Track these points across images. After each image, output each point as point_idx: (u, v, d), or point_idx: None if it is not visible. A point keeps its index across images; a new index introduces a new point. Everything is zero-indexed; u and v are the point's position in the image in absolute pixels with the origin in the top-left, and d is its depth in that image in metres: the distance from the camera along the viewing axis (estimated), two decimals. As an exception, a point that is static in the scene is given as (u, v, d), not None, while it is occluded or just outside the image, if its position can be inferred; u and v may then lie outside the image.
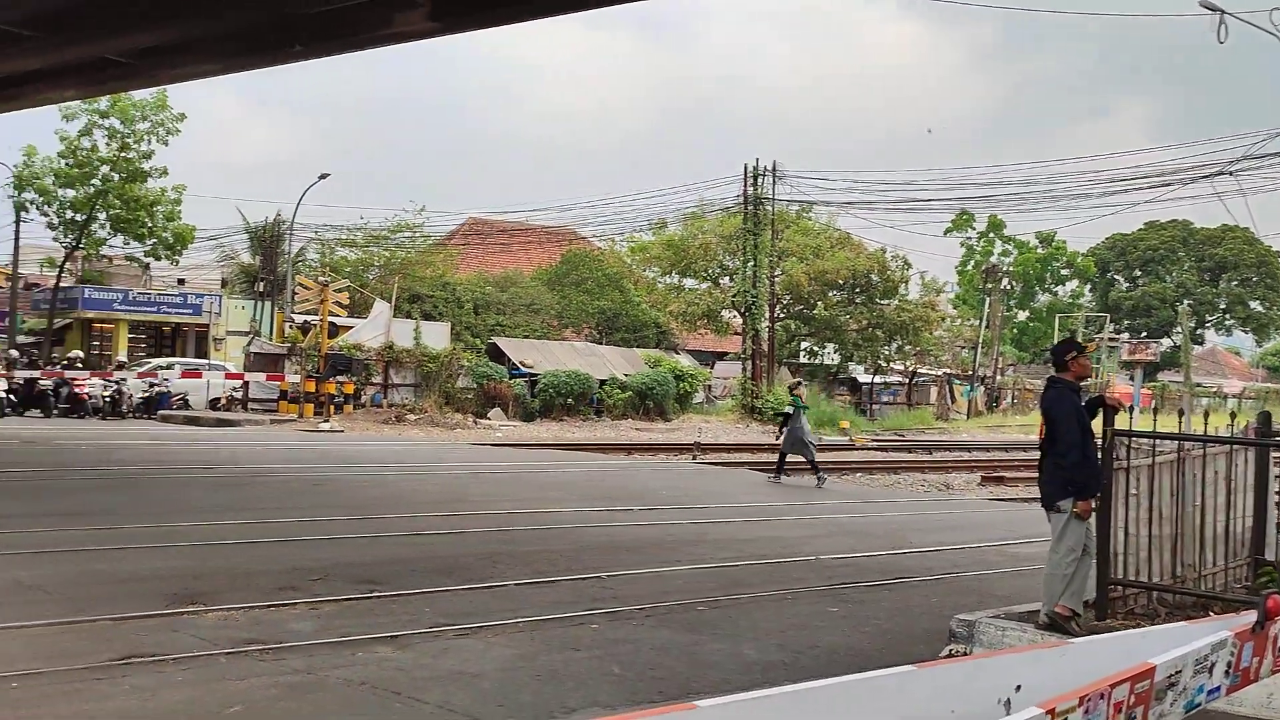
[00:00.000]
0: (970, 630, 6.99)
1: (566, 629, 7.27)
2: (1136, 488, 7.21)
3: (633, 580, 8.98)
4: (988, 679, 2.00)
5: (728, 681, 6.14)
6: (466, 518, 12.13)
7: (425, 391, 32.05)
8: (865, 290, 43.85)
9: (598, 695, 5.81)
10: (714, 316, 42.54)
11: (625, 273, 46.19)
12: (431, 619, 7.24)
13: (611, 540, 11.17)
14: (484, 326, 39.03)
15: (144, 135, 34.13)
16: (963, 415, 48.82)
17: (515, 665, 6.29)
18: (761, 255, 38.42)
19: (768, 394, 37.22)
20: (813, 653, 6.95)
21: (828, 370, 49.57)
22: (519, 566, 9.30)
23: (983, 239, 64.98)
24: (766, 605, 8.32)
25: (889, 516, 14.60)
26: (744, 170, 38.30)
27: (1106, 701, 1.84)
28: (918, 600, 8.85)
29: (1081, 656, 2.12)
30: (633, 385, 35.18)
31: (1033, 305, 68.08)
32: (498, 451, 22.55)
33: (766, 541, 11.50)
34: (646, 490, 16.03)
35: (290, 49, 14.77)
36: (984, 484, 21.41)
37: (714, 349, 49.12)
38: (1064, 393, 6.97)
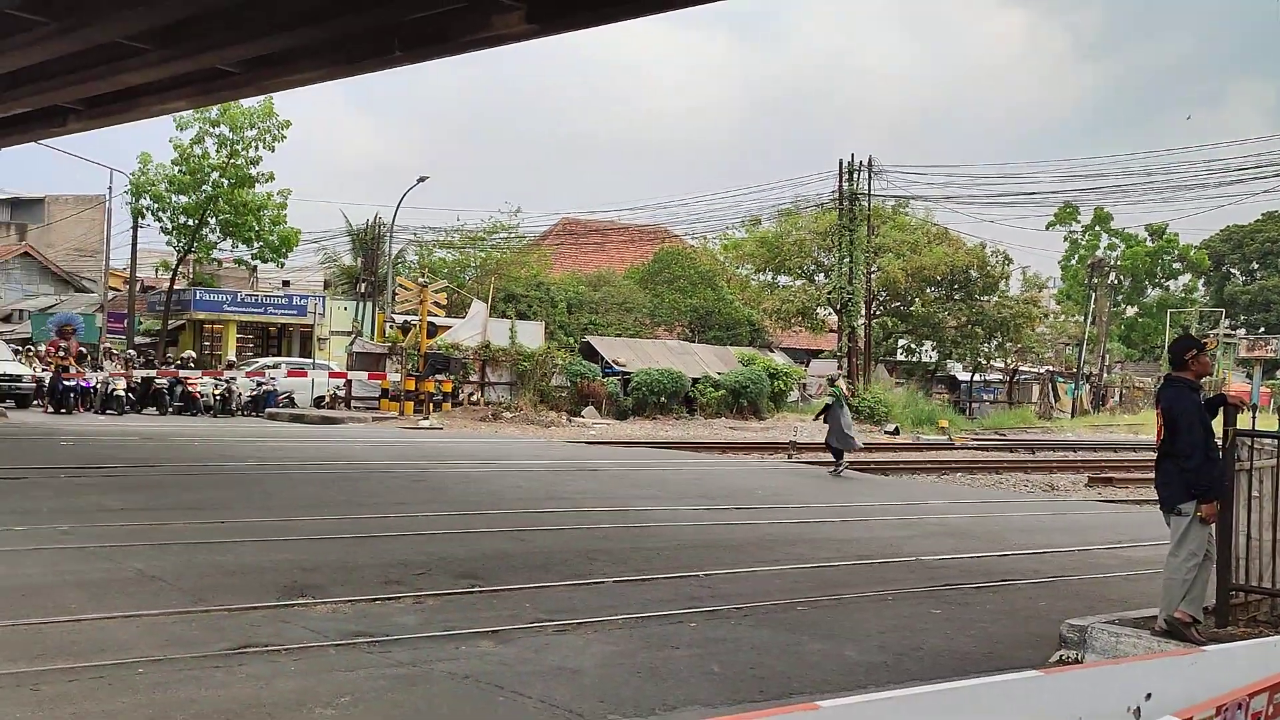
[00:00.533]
0: (1082, 635, 6.79)
1: (665, 627, 7.27)
2: (1259, 490, 6.92)
3: (730, 579, 8.95)
4: (1116, 686, 1.93)
5: (828, 682, 6.07)
6: (563, 515, 12.24)
7: (520, 390, 32.47)
8: (964, 286, 42.98)
9: (698, 693, 5.81)
10: (809, 314, 42.17)
11: (718, 270, 46.09)
12: (532, 614, 7.32)
13: (708, 539, 11.15)
14: (577, 325, 39.35)
15: (251, 142, 35.28)
16: (1067, 414, 47.45)
17: (615, 662, 6.32)
18: (857, 251, 37.93)
19: (864, 392, 36.72)
20: (915, 655, 6.83)
21: (925, 368, 48.71)
22: (616, 564, 9.34)
23: (1088, 232, 63.06)
24: (867, 606, 8.20)
25: (991, 517, 14.27)
26: (839, 165, 37.87)
27: (1245, 711, 1.76)
28: (1023, 603, 8.63)
29: (1214, 665, 2.03)
30: (726, 384, 35.05)
31: (1142, 300, 65.85)
32: (592, 449, 22.70)
33: (865, 542, 11.35)
34: (742, 489, 15.96)
35: (390, 55, 15.07)
36: (1091, 485, 20.77)
37: (809, 347, 48.68)
38: (1184, 391, 6.72)
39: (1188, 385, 6.75)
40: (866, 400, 36.30)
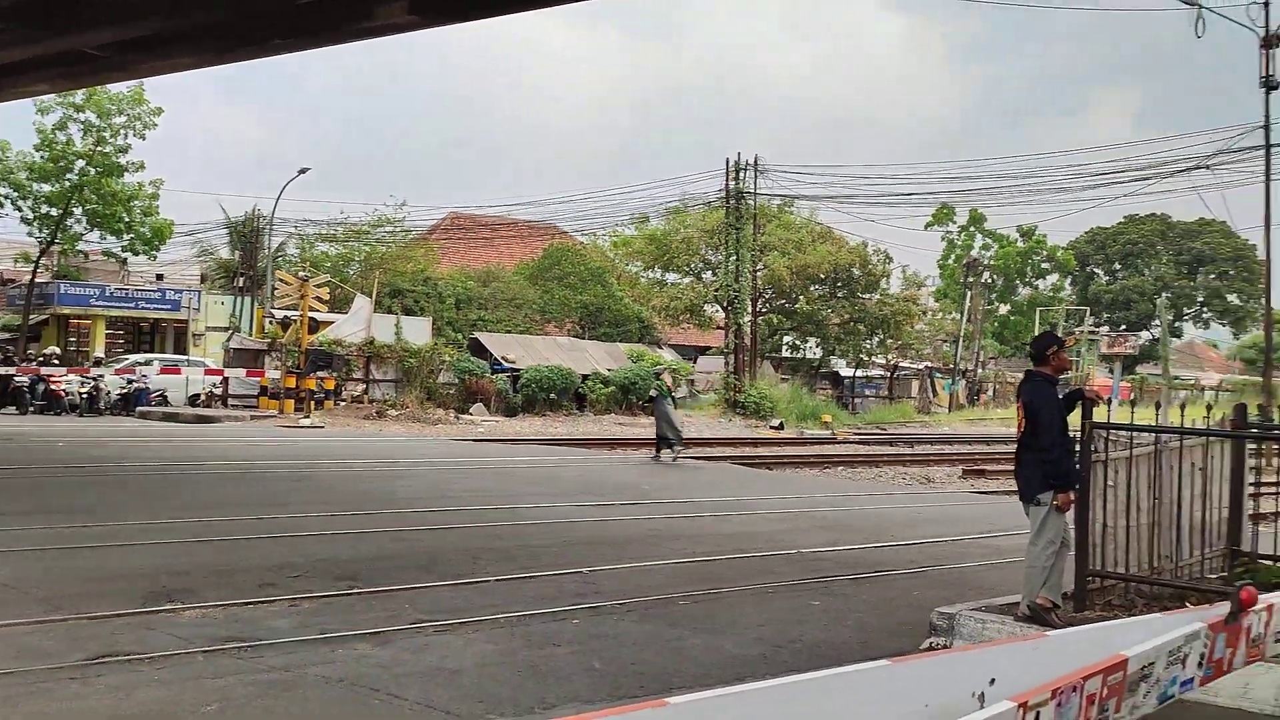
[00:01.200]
0: (951, 623, 7.02)
1: (548, 624, 7.25)
2: (1114, 480, 7.25)
3: (615, 575, 8.97)
4: (962, 673, 2.00)
5: (708, 676, 6.14)
6: (448, 514, 12.09)
7: (406, 387, 31.96)
8: (847, 284, 43.98)
9: (578, 690, 5.80)
10: (697, 311, 42.58)
11: (608, 267, 46.17)
12: (412, 615, 7.21)
13: (594, 535, 11.16)
14: (466, 322, 38.94)
15: (120, 129, 33.83)
16: (944, 409, 49.02)
17: (496, 661, 6.27)
18: (744, 250, 38.45)
19: (751, 388, 37.27)
20: (792, 647, 6.96)
21: (810, 364, 49.69)
22: (501, 562, 9.28)
23: (964, 233, 65.23)
24: (747, 599, 8.32)
25: (871, 510, 14.64)
26: (726, 165, 38.32)
27: (1079, 694, 1.84)
28: (899, 593, 8.87)
29: (1055, 649, 2.12)
30: (616, 380, 35.16)
31: (1014, 299, 68.39)
32: (480, 447, 22.51)
33: (748, 536, 11.51)
34: (629, 485, 16.02)
35: (268, 42, 14.65)
36: (965, 477, 21.51)
37: (697, 344, 49.17)
38: (1043, 386, 7.00)
39: (1047, 380, 7.04)
40: (752, 396, 36.85)
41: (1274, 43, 24.87)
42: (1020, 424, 7.04)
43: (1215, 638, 2.29)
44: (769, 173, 38.36)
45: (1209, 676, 2.29)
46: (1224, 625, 2.32)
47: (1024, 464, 7.03)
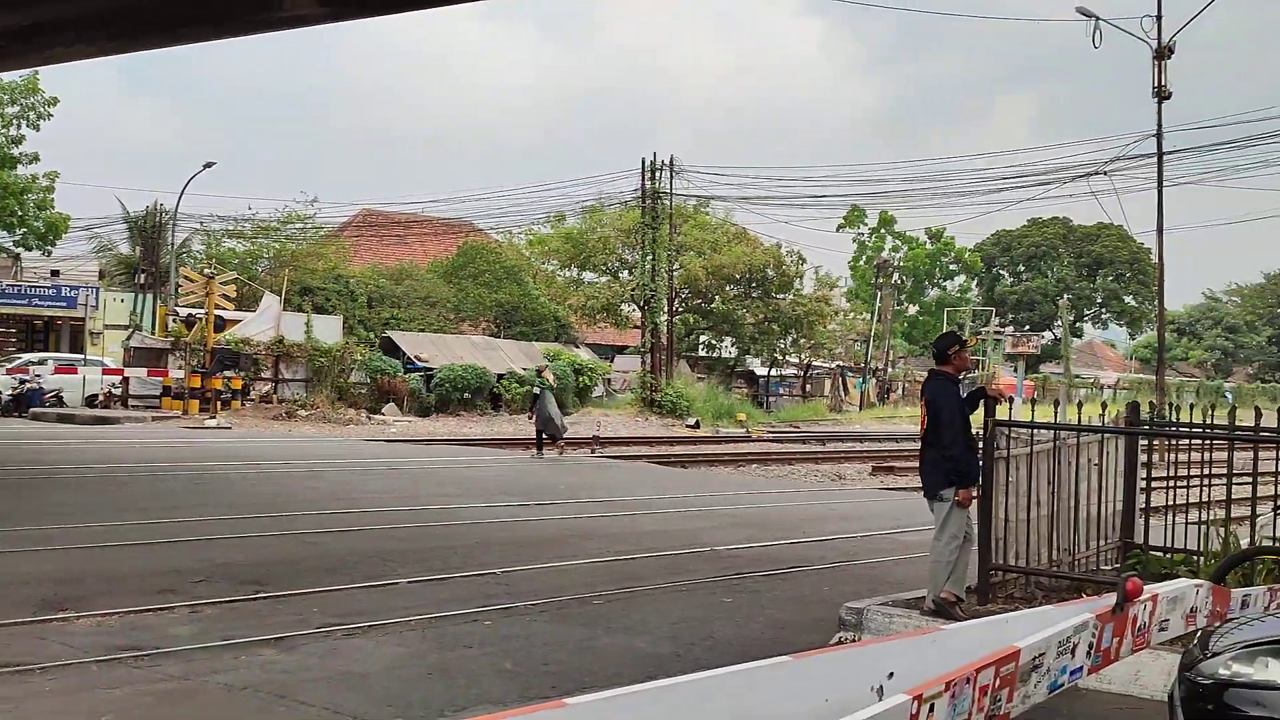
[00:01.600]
0: (859, 618, 7.14)
1: (459, 626, 7.18)
2: (1015, 476, 7.45)
3: (528, 576, 8.93)
4: (863, 667, 2.03)
5: (620, 675, 6.14)
6: (358, 515, 11.90)
7: (317, 387, 31.33)
8: (761, 285, 44.43)
9: (490, 692, 5.76)
10: (613, 310, 42.59)
11: (524, 266, 45.90)
12: (319, 619, 7.08)
13: (508, 536, 11.09)
14: (378, 320, 38.34)
15: (12, 119, 32.49)
16: (855, 407, 49.88)
17: (406, 664, 6.19)
18: (660, 249, 38.58)
19: (667, 388, 37.43)
20: (705, 644, 7.00)
21: (726, 363, 50.10)
22: (412, 564, 9.16)
23: (874, 235, 66.42)
24: (661, 598, 8.35)
25: (784, 507, 14.82)
26: (642, 164, 38.42)
27: (972, 685, 1.89)
28: (810, 589, 8.99)
29: (952, 642, 2.17)
30: (531, 379, 34.96)
31: (922, 300, 69.89)
32: (392, 447, 22.19)
33: (662, 534, 11.56)
34: (544, 485, 15.96)
35: (171, 31, 14.24)
36: (875, 474, 21.90)
37: (613, 343, 49.20)
38: (946, 384, 7.16)
39: (949, 379, 7.21)
40: (669, 395, 36.99)
41: (1165, 55, 25.85)
42: (923, 422, 7.20)
43: (1103, 628, 2.37)
44: (685, 173, 38.59)
45: (1097, 665, 2.37)
46: (1111, 616, 2.40)
47: (927, 461, 7.19)
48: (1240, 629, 4.25)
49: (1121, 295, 75.13)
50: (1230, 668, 4.12)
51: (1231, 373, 79.58)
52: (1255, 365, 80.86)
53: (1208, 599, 2.92)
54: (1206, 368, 78.91)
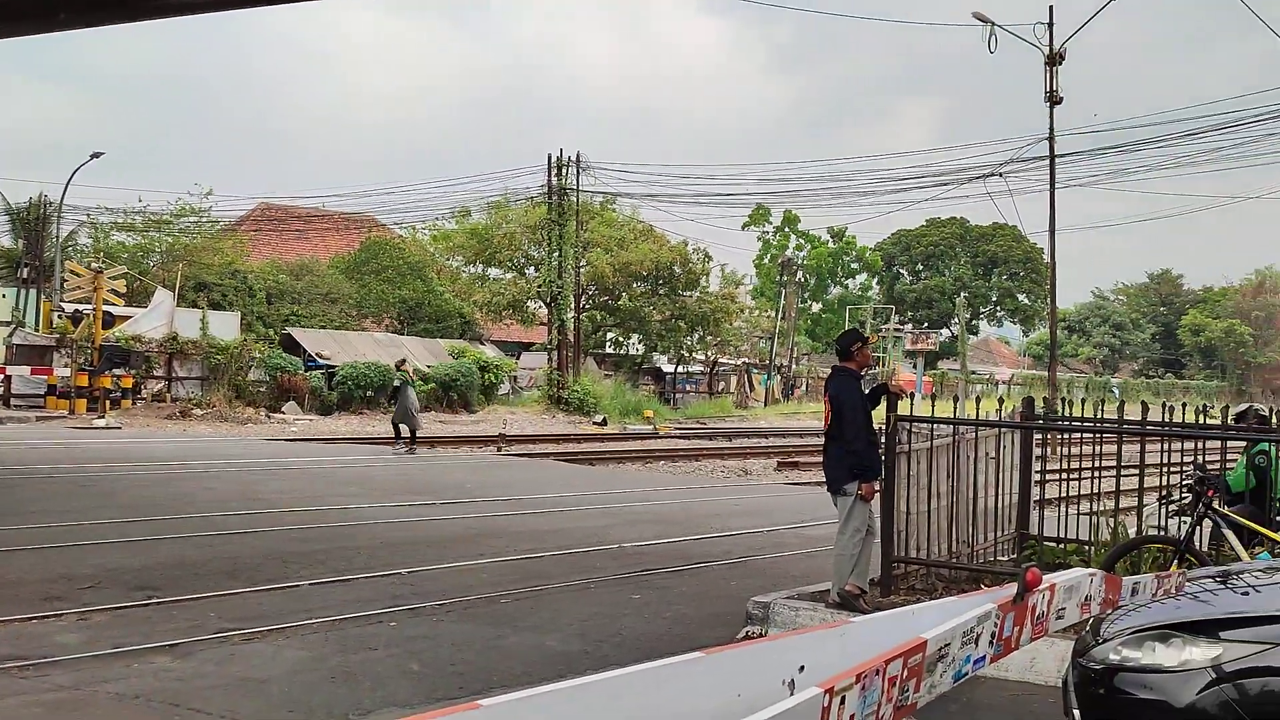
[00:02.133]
0: (766, 612, 7.22)
1: (364, 628, 7.05)
2: (916, 470, 7.62)
3: (434, 576, 8.82)
4: (773, 661, 2.04)
5: (529, 674, 6.10)
6: (257, 517, 11.59)
7: (213, 385, 30.43)
8: (668, 282, 44.63)
9: (395, 694, 5.66)
10: (519, 307, 42.31)
11: (427, 262, 45.28)
12: (216, 624, 6.87)
13: (413, 535, 10.92)
14: (278, 317, 37.41)
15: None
16: (760, 403, 50.49)
17: (308, 668, 6.05)
18: (566, 246, 38.47)
19: (574, 385, 37.34)
20: (614, 641, 7.00)
21: (633, 360, 50.22)
22: (314, 566, 8.96)
23: (779, 233, 67.32)
24: (569, 595, 8.33)
25: (691, 503, 14.91)
26: (548, 160, 38.24)
27: (882, 677, 1.91)
28: (717, 584, 9.07)
29: (860, 635, 2.20)
30: (436, 377, 34.55)
31: (825, 298, 71.08)
32: (293, 446, 21.68)
33: (570, 532, 11.53)
34: (450, 484, 15.78)
35: (54, 16, 13.62)
36: (780, 469, 22.20)
37: (520, 339, 48.89)
38: (849, 380, 7.29)
39: (852, 375, 7.34)
40: (576, 392, 36.92)
41: (1057, 60, 26.76)
42: (827, 417, 7.31)
43: (1004, 617, 2.43)
44: (591, 170, 38.55)
45: (999, 654, 2.43)
46: (1012, 605, 2.46)
47: (831, 456, 7.30)
48: (1129, 615, 4.41)
49: (1016, 294, 77.57)
50: (1120, 653, 4.28)
51: (1118, 369, 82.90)
52: (1140, 361, 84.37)
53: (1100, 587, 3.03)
54: (1095, 364, 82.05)
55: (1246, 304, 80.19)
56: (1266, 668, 3.91)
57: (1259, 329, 78.09)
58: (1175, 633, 4.18)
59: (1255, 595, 4.61)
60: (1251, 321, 78.18)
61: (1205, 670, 4.01)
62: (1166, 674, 4.10)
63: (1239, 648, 4.00)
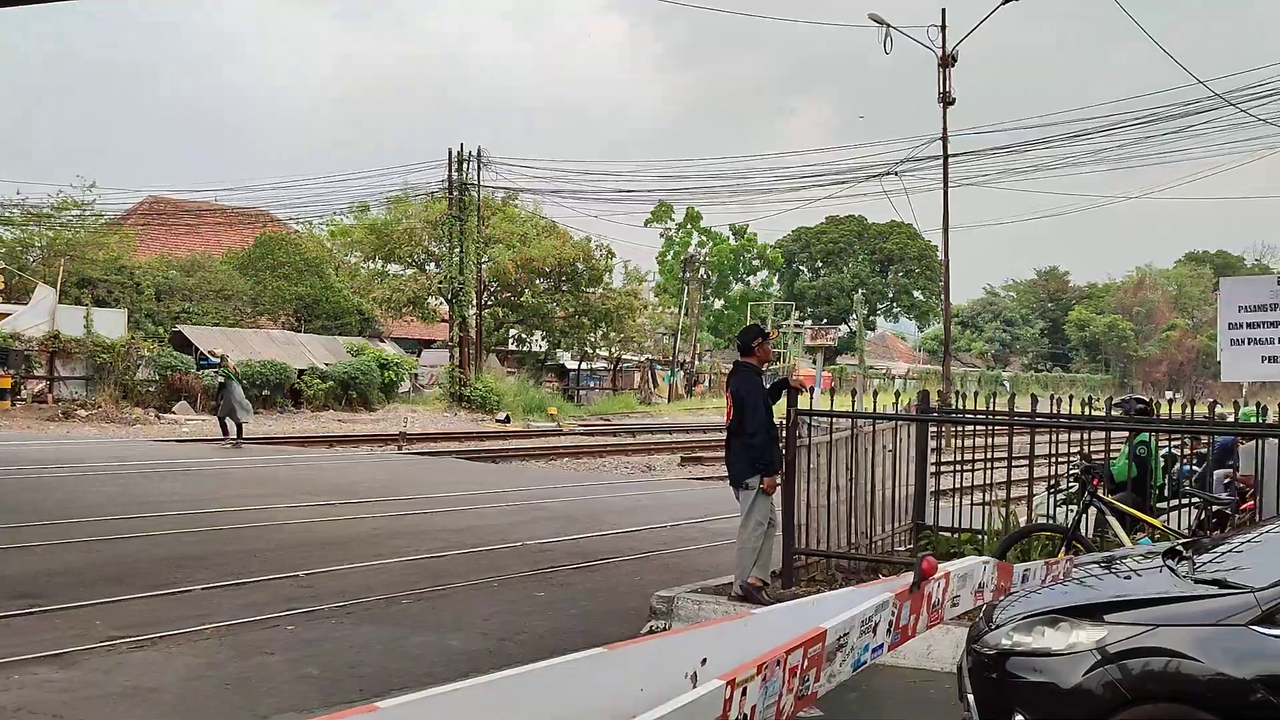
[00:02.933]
0: (670, 606, 7.26)
1: (260, 632, 6.87)
2: (816, 463, 7.75)
3: (334, 577, 8.64)
4: (676, 655, 2.05)
5: (431, 675, 6.02)
6: (147, 520, 11.19)
7: (99, 385, 29.30)
8: (571, 278, 44.53)
9: (293, 699, 5.54)
10: (420, 304, 41.71)
11: (325, 257, 44.31)
12: (103, 632, 6.62)
13: (311, 537, 10.69)
14: (168, 314, 36.18)
15: None
16: (664, 399, 50.77)
17: (201, 675, 5.87)
18: (468, 242, 38.05)
19: (477, 382, 36.99)
20: (518, 639, 6.96)
21: (536, 357, 49.99)
22: (207, 570, 8.70)
23: (681, 230, 67.77)
24: (473, 594, 8.25)
25: (594, 499, 14.91)
26: (449, 155, 37.79)
27: (782, 667, 1.93)
28: (622, 580, 9.08)
29: (761, 626, 2.22)
30: (334, 375, 33.88)
31: (727, 294, 71.80)
32: (185, 448, 21.01)
33: (473, 530, 11.42)
34: (349, 483, 15.48)
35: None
36: (684, 464, 22.35)
37: (421, 336, 48.22)
38: (750, 376, 7.37)
39: (753, 370, 7.42)
40: (478, 390, 36.58)
41: (950, 62, 27.50)
42: (729, 413, 7.38)
43: (901, 606, 2.48)
44: (493, 165, 38.17)
45: (896, 642, 2.48)
46: (908, 594, 2.52)
47: (733, 450, 7.37)
48: (1020, 601, 4.56)
49: (911, 290, 79.53)
50: (1011, 638, 4.42)
51: (1009, 363, 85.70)
52: (1030, 355, 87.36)
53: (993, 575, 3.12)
54: (987, 358, 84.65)
55: (1128, 300, 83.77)
56: (1147, 648, 4.08)
57: (1140, 324, 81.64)
58: (1063, 617, 4.34)
59: (1137, 579, 4.81)
60: (1133, 317, 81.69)
61: (1091, 652, 4.16)
62: (1055, 657, 4.25)
63: (1122, 630, 4.17)
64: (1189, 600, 4.26)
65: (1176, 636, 4.06)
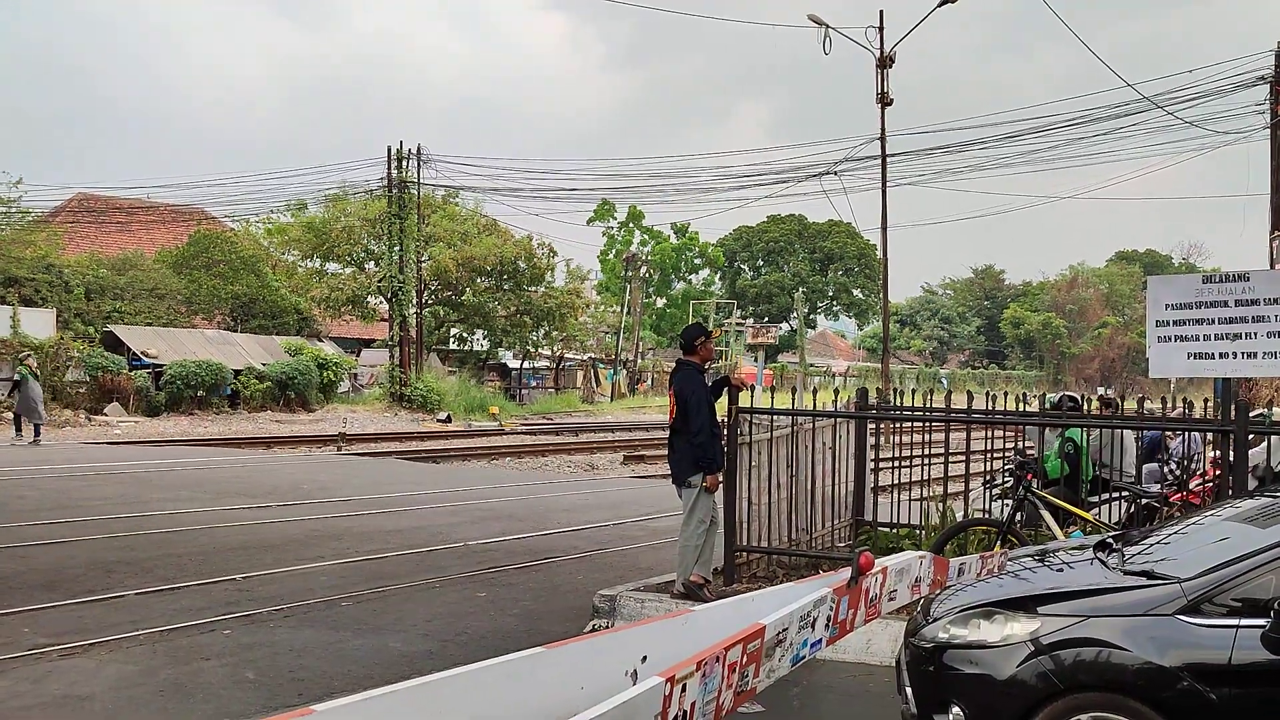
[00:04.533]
0: (612, 604, 7.27)
1: (195, 637, 6.75)
2: (758, 460, 7.81)
3: (271, 580, 8.51)
4: (617, 653, 2.05)
5: (372, 678, 5.97)
6: (77, 525, 10.93)
7: (26, 386, 28.49)
8: (513, 277, 44.31)
9: (230, 705, 5.45)
10: (359, 303, 41.22)
11: (262, 256, 43.60)
12: (31, 640, 6.46)
13: (249, 539, 10.51)
14: (98, 314, 35.34)
15: None
16: (607, 398, 50.78)
17: (135, 683, 5.75)
18: (408, 240, 37.70)
19: (417, 381, 36.67)
20: (460, 640, 6.92)
21: (478, 356, 49.68)
22: (140, 575, 8.52)
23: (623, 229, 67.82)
24: (414, 596, 8.18)
25: (537, 499, 14.87)
26: (388, 152, 37.38)
27: (722, 663, 1.95)
28: (564, 579, 9.07)
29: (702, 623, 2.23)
30: (272, 375, 33.35)
31: (669, 293, 72.04)
32: (116, 450, 20.54)
33: (414, 531, 11.33)
34: (288, 485, 15.25)
35: None
36: (626, 463, 22.38)
37: (360, 336, 47.66)
38: (693, 374, 7.40)
39: (696, 369, 7.46)
40: (419, 389, 36.27)
41: (887, 63, 27.84)
42: (672, 411, 7.41)
43: (839, 601, 2.51)
44: (433, 162, 37.81)
45: (834, 636, 2.51)
46: (846, 589, 2.55)
47: (676, 449, 7.40)
48: (956, 595, 4.64)
49: (851, 288, 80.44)
50: (948, 631, 4.50)
51: (946, 360, 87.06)
52: (966, 353, 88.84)
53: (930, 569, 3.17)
54: (925, 355, 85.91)
55: (1061, 298, 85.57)
56: (1079, 639, 4.18)
57: (1072, 322, 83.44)
58: (998, 609, 4.42)
59: (1069, 571, 4.92)
60: (1066, 315, 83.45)
61: (1025, 644, 4.25)
62: (990, 649, 4.33)
63: (1054, 621, 4.26)
64: (1118, 591, 4.37)
65: (1107, 627, 4.16)
